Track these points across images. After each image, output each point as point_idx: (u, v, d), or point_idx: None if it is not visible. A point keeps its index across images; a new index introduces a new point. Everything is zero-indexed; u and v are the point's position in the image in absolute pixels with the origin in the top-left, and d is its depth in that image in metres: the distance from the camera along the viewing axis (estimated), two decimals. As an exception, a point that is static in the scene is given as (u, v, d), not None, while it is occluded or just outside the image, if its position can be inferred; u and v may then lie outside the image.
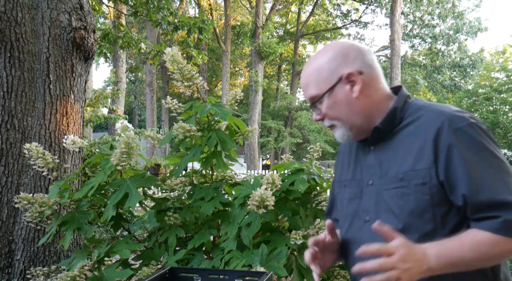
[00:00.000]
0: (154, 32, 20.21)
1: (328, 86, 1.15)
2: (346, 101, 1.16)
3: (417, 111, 1.15)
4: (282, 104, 25.59)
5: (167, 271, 1.45)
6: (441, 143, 1.06)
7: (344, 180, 1.29)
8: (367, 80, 1.15)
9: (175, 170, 2.44)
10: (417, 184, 1.07)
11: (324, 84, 1.16)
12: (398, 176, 1.10)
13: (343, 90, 1.15)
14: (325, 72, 1.16)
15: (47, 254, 3.13)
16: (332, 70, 1.15)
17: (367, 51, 1.19)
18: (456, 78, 23.85)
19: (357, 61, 1.15)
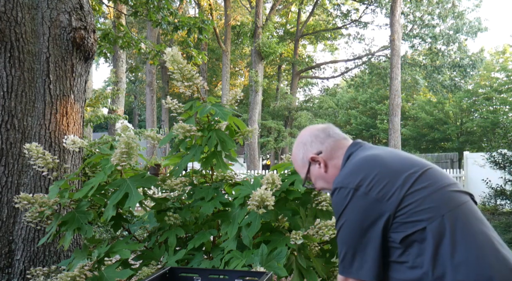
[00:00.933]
0: (154, 32, 20.20)
1: (305, 170, 1.50)
2: (320, 176, 1.47)
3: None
4: (282, 104, 25.58)
5: (167, 271, 1.45)
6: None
7: None
8: (327, 155, 1.44)
9: (175, 170, 2.44)
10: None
11: (303, 170, 1.51)
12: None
13: (315, 169, 1.47)
14: (299, 161, 1.52)
15: (47, 254, 3.13)
16: (302, 159, 1.50)
17: (321, 131, 1.48)
18: (456, 78, 23.83)
19: (313, 145, 1.47)
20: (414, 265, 1.16)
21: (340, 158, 1.42)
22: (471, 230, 1.16)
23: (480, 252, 1.13)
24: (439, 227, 1.14)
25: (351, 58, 26.78)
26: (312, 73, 31.09)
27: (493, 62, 27.05)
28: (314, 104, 30.71)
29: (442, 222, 1.14)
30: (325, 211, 2.27)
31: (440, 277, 1.13)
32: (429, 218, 1.15)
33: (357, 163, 1.30)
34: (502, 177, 6.65)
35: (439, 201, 1.17)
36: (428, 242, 1.14)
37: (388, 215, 1.17)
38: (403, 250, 1.18)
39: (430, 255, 1.14)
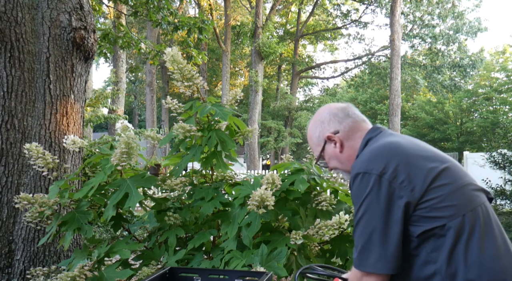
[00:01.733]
0: (154, 32, 20.20)
1: (320, 148, 1.48)
2: (335, 156, 1.46)
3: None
4: (282, 104, 25.58)
5: (167, 271, 1.45)
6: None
7: None
8: (344, 136, 1.42)
9: (175, 170, 2.44)
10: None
11: (317, 148, 1.50)
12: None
13: (330, 148, 1.46)
14: (314, 139, 1.50)
15: (47, 254, 3.13)
16: (317, 137, 1.48)
17: (340, 110, 1.46)
18: (456, 78, 23.84)
19: (331, 124, 1.45)
20: (428, 260, 1.16)
21: (357, 140, 1.40)
22: (489, 231, 1.17)
23: (495, 253, 1.14)
24: (459, 226, 1.14)
25: (351, 58, 26.80)
26: (312, 73, 31.10)
27: (493, 62, 27.07)
28: (314, 104, 30.70)
29: (463, 221, 1.14)
30: (325, 211, 2.27)
31: (452, 275, 1.13)
32: (450, 215, 1.14)
33: (380, 149, 1.26)
34: (502, 177, 6.65)
35: (461, 200, 1.17)
36: (446, 239, 1.14)
37: (411, 206, 1.15)
38: (418, 243, 1.17)
39: (447, 252, 1.14)
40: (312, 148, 1.54)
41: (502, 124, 20.28)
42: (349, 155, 1.42)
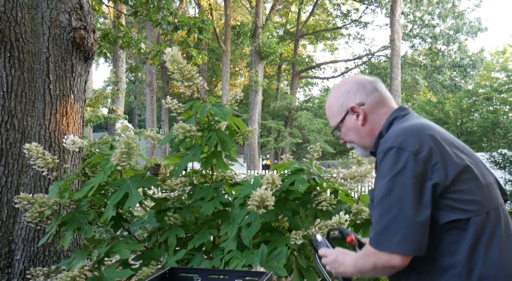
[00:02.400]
0: (154, 32, 20.20)
1: (339, 119, 1.42)
2: (355, 128, 1.40)
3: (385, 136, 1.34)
4: (282, 104, 25.58)
5: (167, 271, 1.45)
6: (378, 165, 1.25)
7: None
8: (369, 109, 1.37)
9: (175, 170, 2.44)
10: (370, 200, 1.30)
11: (336, 117, 1.43)
12: (371, 191, 1.29)
13: (351, 120, 1.40)
14: (335, 108, 1.43)
15: (47, 254, 3.13)
16: (340, 106, 1.42)
17: (369, 83, 1.40)
18: (456, 78, 23.85)
19: (357, 95, 1.39)
20: (447, 251, 1.14)
21: (382, 116, 1.36)
22: (509, 231, 1.18)
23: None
24: (482, 223, 1.13)
25: (351, 58, 26.83)
26: (312, 73, 31.10)
27: (493, 62, 27.08)
28: (314, 104, 30.71)
29: (486, 219, 1.14)
30: (325, 211, 2.27)
31: (469, 270, 1.12)
32: (475, 210, 1.13)
33: (415, 129, 1.21)
34: (502, 177, 6.66)
35: (485, 197, 1.16)
36: (468, 233, 1.12)
37: (440, 190, 1.12)
38: (440, 233, 1.15)
39: (468, 246, 1.12)
40: (329, 117, 1.46)
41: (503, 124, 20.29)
42: (370, 130, 1.37)
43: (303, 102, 32.05)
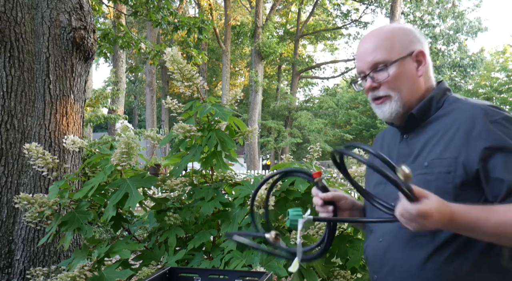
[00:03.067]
0: (154, 32, 20.20)
1: (399, 56, 1.18)
2: (410, 76, 1.19)
3: (452, 103, 1.19)
4: (282, 104, 25.59)
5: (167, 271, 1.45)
6: (475, 133, 1.07)
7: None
8: (428, 63, 1.22)
9: (175, 170, 2.43)
10: (441, 172, 1.09)
11: (396, 53, 1.18)
12: (423, 164, 1.13)
13: (411, 66, 1.19)
14: (399, 42, 1.19)
15: (47, 254, 3.13)
16: (405, 43, 1.20)
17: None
18: (456, 78, 23.86)
19: (424, 44, 1.23)
20: None
21: (433, 78, 1.24)
22: None
23: None
24: None
25: (351, 58, 26.80)
26: (312, 73, 31.11)
27: (493, 62, 27.09)
28: (314, 104, 30.74)
29: None
30: (325, 211, 2.27)
31: None
32: None
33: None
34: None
35: None
36: None
37: None
38: None
39: None
40: (380, 48, 1.18)
41: (502, 124, 20.31)
42: (421, 87, 1.20)
43: (303, 102, 32.07)
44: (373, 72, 1.20)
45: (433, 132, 1.17)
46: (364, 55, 1.22)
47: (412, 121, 1.21)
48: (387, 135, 1.38)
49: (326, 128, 25.58)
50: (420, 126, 1.21)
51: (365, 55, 1.21)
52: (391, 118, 1.23)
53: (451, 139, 1.11)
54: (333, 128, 27.36)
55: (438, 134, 1.15)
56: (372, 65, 1.20)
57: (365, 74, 1.23)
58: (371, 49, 1.20)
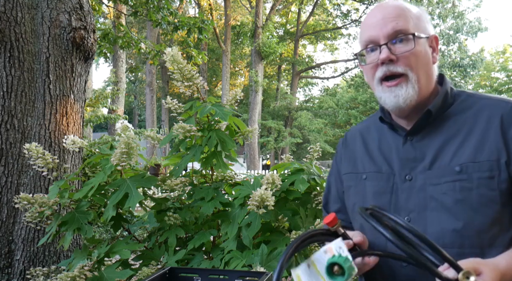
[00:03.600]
0: (154, 32, 20.20)
1: (423, 33, 1.04)
2: (428, 60, 1.05)
3: (467, 99, 1.06)
4: (282, 104, 25.59)
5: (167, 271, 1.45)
6: (510, 129, 0.95)
7: (362, 172, 1.15)
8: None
9: (175, 170, 2.43)
10: (481, 177, 0.94)
11: (420, 28, 1.04)
12: (453, 169, 0.97)
13: (428, 49, 1.06)
14: (421, 18, 1.07)
15: (47, 254, 3.13)
16: (425, 23, 1.07)
17: None
18: (456, 78, 23.86)
19: (435, 32, 1.10)
20: None
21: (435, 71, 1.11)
22: None
23: None
24: None
25: (351, 58, 26.80)
26: (312, 73, 31.10)
27: (493, 62, 27.11)
28: (314, 104, 30.73)
29: None
30: (325, 211, 2.27)
31: None
32: None
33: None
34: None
35: None
36: None
37: None
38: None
39: None
40: (404, 17, 1.02)
41: (502, 124, 20.30)
42: (433, 75, 1.07)
43: (303, 102, 32.07)
44: (391, 42, 1.01)
45: (451, 131, 1.01)
46: (381, 21, 1.02)
47: (425, 119, 1.04)
48: (370, 137, 1.19)
49: (326, 128, 25.57)
50: (430, 125, 1.05)
51: (383, 22, 1.02)
52: (402, 107, 1.03)
53: (483, 139, 0.96)
54: (333, 128, 27.36)
55: (460, 134, 1.00)
56: (393, 33, 1.01)
57: (378, 44, 1.02)
58: (392, 15, 1.02)
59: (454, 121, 1.03)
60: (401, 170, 1.06)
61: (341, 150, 1.29)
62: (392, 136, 1.12)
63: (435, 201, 0.98)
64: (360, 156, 1.18)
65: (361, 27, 1.10)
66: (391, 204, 1.05)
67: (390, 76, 1.03)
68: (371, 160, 1.14)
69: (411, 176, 1.03)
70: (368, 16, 1.08)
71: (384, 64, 1.02)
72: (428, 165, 1.01)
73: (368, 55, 1.06)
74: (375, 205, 0.94)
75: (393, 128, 1.12)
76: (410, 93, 1.01)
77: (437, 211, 0.97)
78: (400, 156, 1.07)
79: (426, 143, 1.04)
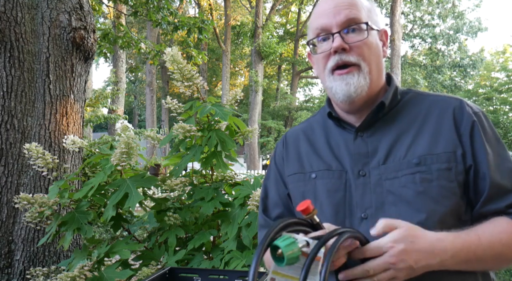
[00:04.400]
0: (154, 32, 20.20)
1: (376, 25, 1.03)
2: (380, 53, 1.04)
3: (416, 95, 1.07)
4: (282, 104, 25.59)
5: (167, 271, 1.44)
6: (463, 124, 0.97)
7: (310, 171, 1.10)
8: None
9: (175, 170, 2.43)
10: (440, 169, 0.94)
11: (372, 20, 1.03)
12: (411, 161, 0.96)
13: (379, 42, 1.05)
14: (374, 11, 1.06)
15: (47, 254, 3.13)
16: (377, 16, 1.07)
17: None
18: (456, 78, 23.87)
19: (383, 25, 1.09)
20: None
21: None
22: None
23: None
24: None
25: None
26: (312, 73, 31.09)
27: (493, 62, 27.10)
28: (314, 104, 30.71)
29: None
30: (325, 211, 2.27)
31: None
32: None
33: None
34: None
35: None
36: None
37: None
38: None
39: None
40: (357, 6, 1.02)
41: (503, 124, 20.30)
42: (383, 69, 1.07)
43: (303, 102, 32.05)
44: (344, 32, 0.99)
45: (403, 126, 1.01)
46: (334, 9, 1.00)
47: (377, 112, 1.03)
48: (315, 135, 1.15)
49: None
50: (380, 121, 1.04)
51: (335, 10, 1.00)
52: (353, 97, 1.00)
53: (437, 133, 0.97)
54: (333, 128, 27.30)
55: (412, 128, 1.00)
56: (346, 21, 0.99)
57: (330, 32, 1.00)
58: (345, 3, 1.00)
59: (404, 116, 1.03)
60: (354, 166, 1.03)
61: (282, 152, 1.22)
62: (339, 133, 1.10)
63: (392, 195, 0.96)
64: (306, 155, 1.14)
65: (313, 14, 1.07)
66: (345, 202, 1.02)
67: (342, 65, 1.00)
68: (319, 158, 1.10)
69: (365, 171, 1.01)
70: (320, 4, 1.06)
71: (337, 53, 0.99)
72: (382, 160, 0.99)
73: (320, 44, 1.04)
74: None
75: (340, 125, 1.10)
76: (362, 82, 1.00)
77: (395, 206, 0.95)
78: (351, 152, 1.04)
79: (378, 138, 1.03)
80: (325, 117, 1.13)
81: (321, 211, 1.04)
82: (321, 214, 1.01)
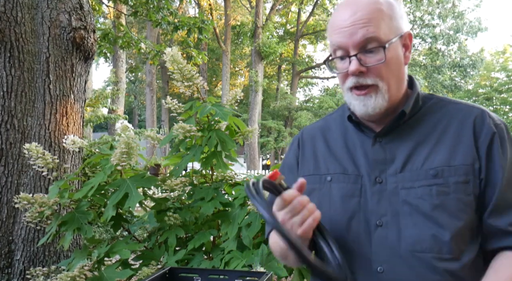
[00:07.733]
0: (154, 32, 20.20)
1: (395, 35, 0.94)
2: (399, 63, 0.98)
3: (437, 102, 1.04)
4: (282, 104, 25.58)
5: (167, 271, 1.44)
6: (482, 135, 0.94)
7: (326, 174, 1.08)
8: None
9: (175, 170, 2.43)
10: (457, 182, 0.92)
11: (393, 30, 0.94)
12: (428, 173, 0.94)
13: (400, 49, 0.98)
14: (395, 17, 0.96)
15: (47, 254, 3.13)
16: (399, 19, 0.97)
17: None
18: (456, 78, 23.89)
19: (408, 26, 1.00)
20: None
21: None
22: None
23: None
24: None
25: (351, 58, 26.77)
26: (312, 73, 31.10)
27: (493, 62, 27.10)
28: (314, 104, 30.71)
29: None
30: (325, 211, 2.27)
31: None
32: None
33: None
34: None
35: None
36: None
37: None
38: None
39: None
40: (376, 20, 0.93)
41: (502, 124, 20.28)
42: (404, 77, 1.01)
43: (303, 102, 32.04)
44: (361, 52, 0.94)
45: (422, 134, 0.99)
46: (351, 28, 0.93)
47: (398, 120, 1.01)
48: (332, 136, 1.13)
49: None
50: (400, 127, 1.02)
51: (352, 29, 0.93)
52: (372, 114, 0.98)
53: (457, 143, 0.95)
54: (333, 128, 27.29)
55: (432, 137, 0.98)
56: (363, 40, 0.93)
57: (347, 53, 0.95)
58: (362, 19, 0.92)
59: (424, 124, 1.01)
60: (370, 172, 1.01)
61: (297, 150, 1.19)
62: (358, 136, 1.07)
63: (408, 206, 0.95)
64: (323, 156, 1.11)
65: (329, 25, 1.00)
66: (360, 208, 1.00)
67: (359, 86, 0.98)
68: (335, 160, 1.08)
69: (381, 179, 0.99)
70: (339, 13, 0.98)
71: (355, 75, 0.97)
72: (399, 168, 0.98)
73: (338, 61, 1.01)
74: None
75: (359, 128, 1.07)
76: (380, 102, 0.97)
77: (411, 216, 0.94)
78: (369, 157, 1.02)
79: (397, 145, 1.00)
80: (344, 117, 1.10)
81: (335, 216, 1.02)
82: (335, 218, 1.01)
